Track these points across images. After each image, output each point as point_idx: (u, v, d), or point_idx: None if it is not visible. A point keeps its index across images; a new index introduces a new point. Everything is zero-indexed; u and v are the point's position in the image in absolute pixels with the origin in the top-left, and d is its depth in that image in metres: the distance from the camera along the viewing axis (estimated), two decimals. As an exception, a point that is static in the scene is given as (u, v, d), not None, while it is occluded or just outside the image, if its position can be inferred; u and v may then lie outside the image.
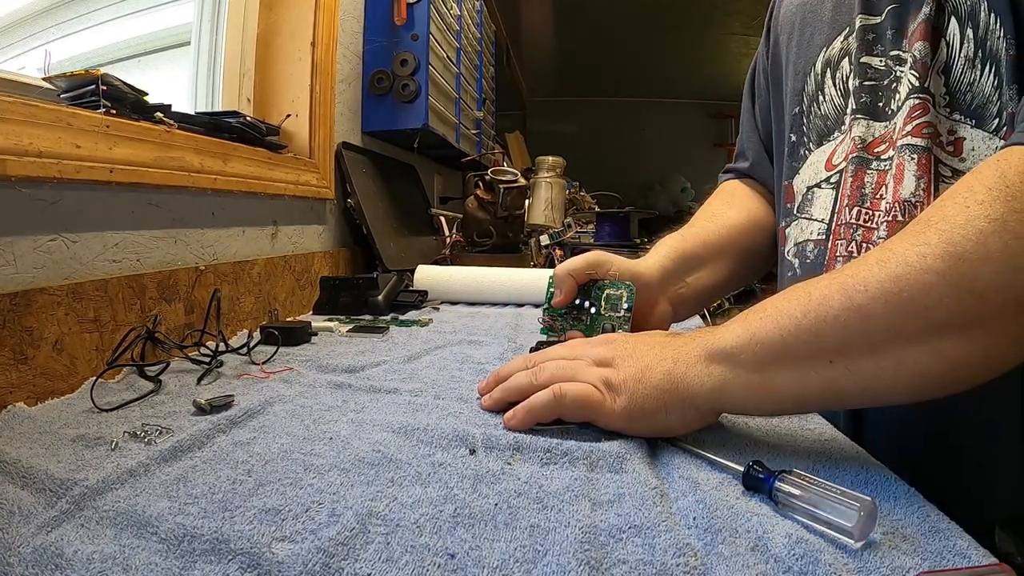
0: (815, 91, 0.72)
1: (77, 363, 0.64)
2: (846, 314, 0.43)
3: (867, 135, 0.64)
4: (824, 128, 0.71)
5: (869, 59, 0.65)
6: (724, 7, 4.40)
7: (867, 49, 0.65)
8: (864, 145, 0.64)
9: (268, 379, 0.67)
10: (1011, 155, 0.43)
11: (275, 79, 1.29)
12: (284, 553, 0.33)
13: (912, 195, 0.57)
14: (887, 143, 0.62)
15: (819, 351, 0.44)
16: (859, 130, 0.64)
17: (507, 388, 0.57)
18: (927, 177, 0.56)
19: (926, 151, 0.56)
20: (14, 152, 0.58)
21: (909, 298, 0.41)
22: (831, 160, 0.69)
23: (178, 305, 0.80)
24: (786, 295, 0.48)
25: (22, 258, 0.61)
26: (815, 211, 0.69)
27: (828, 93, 0.70)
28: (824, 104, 0.71)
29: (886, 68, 0.63)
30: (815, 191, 0.70)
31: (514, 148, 3.64)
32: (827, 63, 0.70)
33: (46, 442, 0.48)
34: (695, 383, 0.49)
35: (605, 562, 0.33)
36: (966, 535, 0.36)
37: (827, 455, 0.48)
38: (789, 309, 0.46)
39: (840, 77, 0.68)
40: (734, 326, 0.49)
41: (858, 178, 0.63)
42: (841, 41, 0.69)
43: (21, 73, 0.78)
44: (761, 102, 0.87)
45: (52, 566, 0.32)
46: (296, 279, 1.14)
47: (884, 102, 0.63)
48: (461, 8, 2.00)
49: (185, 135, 0.84)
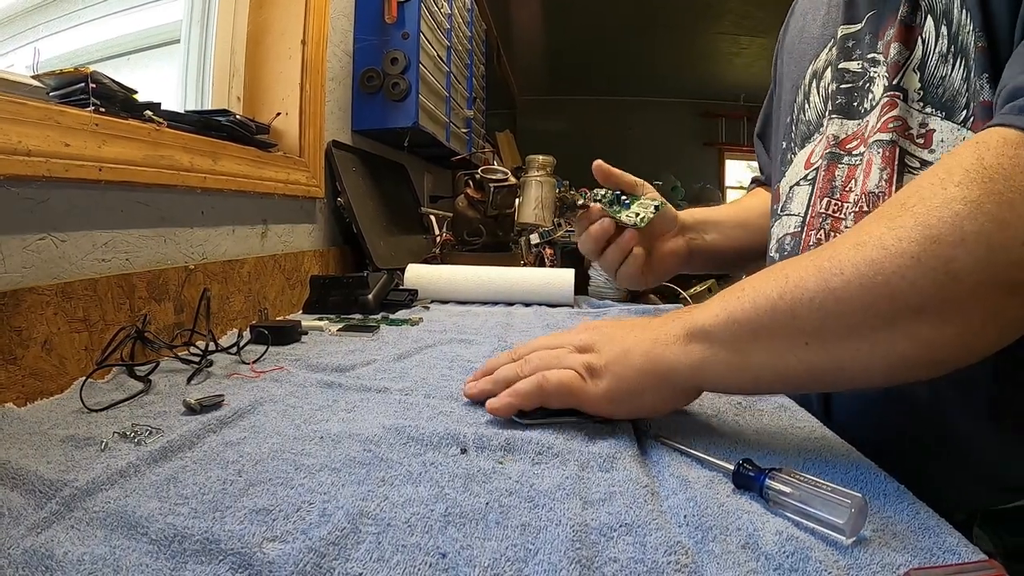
0: (803, 101, 0.76)
1: (66, 363, 0.63)
2: (821, 296, 0.43)
3: (840, 132, 0.67)
4: (807, 132, 0.75)
5: (847, 64, 0.68)
6: (715, 6, 4.42)
7: (846, 56, 0.68)
8: (837, 142, 0.67)
9: (258, 379, 0.67)
10: (989, 137, 0.43)
11: (265, 77, 1.28)
12: (275, 553, 0.33)
13: (876, 187, 0.59)
14: (859, 140, 0.65)
15: (795, 332, 0.45)
16: (833, 128, 0.68)
17: (495, 380, 0.57)
18: (890, 168, 0.58)
19: (891, 144, 0.59)
20: (2, 150, 0.58)
21: (884, 282, 0.41)
22: (809, 159, 0.72)
23: (168, 304, 0.80)
24: (764, 275, 0.48)
25: (10, 257, 0.60)
26: (794, 207, 0.73)
27: (812, 101, 0.75)
28: (808, 111, 0.75)
29: (862, 70, 0.66)
30: (795, 189, 0.74)
31: (504, 147, 3.63)
32: (814, 75, 0.75)
33: (35, 443, 0.48)
34: (674, 362, 0.49)
35: (596, 561, 0.34)
36: (955, 532, 0.37)
37: (817, 453, 0.49)
38: (766, 290, 0.46)
39: (823, 85, 0.73)
40: (712, 305, 0.50)
41: (830, 172, 0.66)
42: (826, 53, 0.73)
43: (9, 71, 0.77)
44: (767, 114, 0.95)
45: (42, 568, 0.32)
46: (286, 278, 1.13)
47: (858, 102, 0.66)
48: (452, 6, 2.00)
49: (174, 133, 0.84)
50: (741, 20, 4.65)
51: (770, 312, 0.45)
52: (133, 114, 0.78)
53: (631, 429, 0.52)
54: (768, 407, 0.60)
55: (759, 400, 0.61)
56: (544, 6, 4.44)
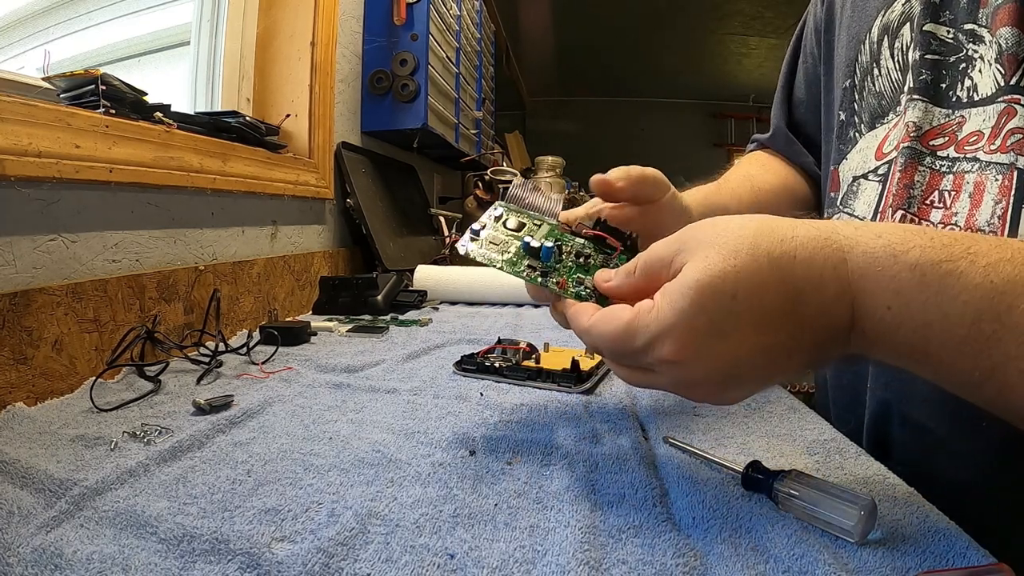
0: (870, 63, 0.61)
1: (76, 363, 0.64)
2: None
3: (924, 122, 0.53)
4: (878, 108, 0.60)
5: (934, 27, 0.53)
6: (724, 7, 4.40)
7: (932, 15, 0.54)
8: (920, 134, 0.53)
9: (267, 379, 0.67)
10: None
11: (274, 79, 1.29)
12: (284, 553, 0.33)
13: (987, 222, 0.47)
14: (948, 138, 0.52)
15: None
16: (915, 114, 0.53)
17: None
18: (1006, 201, 0.46)
19: (1009, 168, 0.47)
20: (13, 152, 0.58)
21: None
22: (881, 148, 0.58)
23: (177, 305, 0.80)
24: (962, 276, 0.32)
25: (21, 258, 0.61)
26: (858, 206, 0.60)
27: (884, 66, 0.59)
28: (880, 79, 0.60)
29: (954, 42, 0.52)
30: (861, 182, 0.60)
31: (513, 148, 3.63)
32: (884, 29, 0.59)
33: (45, 442, 0.48)
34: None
35: (605, 562, 0.33)
36: (965, 535, 0.36)
37: (826, 455, 0.48)
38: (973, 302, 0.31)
39: (899, 47, 0.58)
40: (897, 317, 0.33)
41: (907, 174, 0.53)
42: (902, 3, 0.58)
43: (20, 73, 0.78)
44: (807, 68, 0.77)
45: (51, 566, 0.32)
46: (295, 279, 1.14)
47: (949, 84, 0.52)
48: (460, 8, 2.00)
49: (184, 135, 0.84)
50: (750, 21, 4.63)
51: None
52: (143, 116, 0.79)
53: (639, 430, 0.52)
54: (778, 409, 0.59)
55: (768, 402, 0.61)
56: (552, 7, 4.43)
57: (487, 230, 0.48)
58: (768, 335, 0.33)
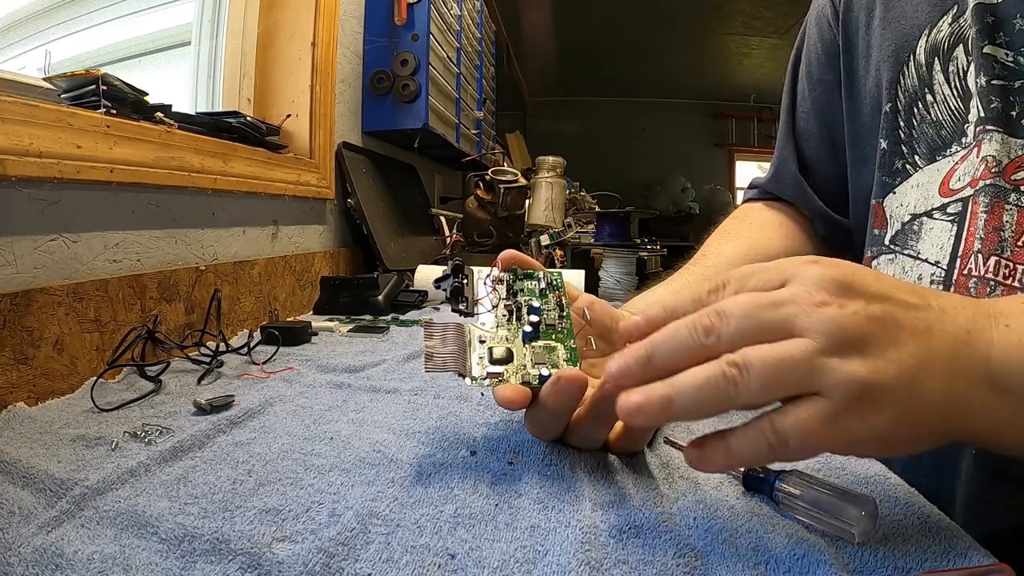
0: (919, 87, 0.56)
1: (77, 363, 0.64)
2: None
3: (1003, 155, 0.48)
4: (937, 139, 0.55)
5: (993, 49, 0.49)
6: (725, 8, 4.40)
7: (989, 36, 0.49)
8: (1000, 168, 0.48)
9: (268, 379, 0.67)
10: None
11: (275, 79, 1.29)
12: (284, 553, 0.33)
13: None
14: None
15: None
16: (992, 147, 0.48)
17: (651, 356, 0.35)
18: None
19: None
20: (14, 152, 0.58)
21: None
22: (947, 183, 0.53)
23: (178, 305, 0.80)
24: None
25: (22, 258, 0.61)
26: (925, 249, 0.54)
27: (940, 92, 0.54)
28: (935, 107, 0.55)
29: (1015, 66, 0.48)
30: (924, 221, 0.55)
31: (514, 148, 3.64)
32: (934, 51, 0.54)
33: (46, 442, 0.48)
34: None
35: (606, 562, 0.33)
36: (966, 535, 0.36)
37: (827, 455, 0.48)
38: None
39: (954, 71, 0.53)
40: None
41: (995, 216, 0.48)
42: (949, 23, 0.53)
43: (21, 73, 0.78)
44: (817, 97, 0.71)
45: (52, 566, 0.32)
46: (296, 279, 1.14)
47: (1020, 111, 0.48)
48: (461, 8, 2.00)
49: (185, 135, 0.84)
50: (751, 21, 4.64)
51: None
52: (144, 116, 0.79)
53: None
54: (779, 409, 0.59)
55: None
56: (553, 8, 4.44)
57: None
58: None
